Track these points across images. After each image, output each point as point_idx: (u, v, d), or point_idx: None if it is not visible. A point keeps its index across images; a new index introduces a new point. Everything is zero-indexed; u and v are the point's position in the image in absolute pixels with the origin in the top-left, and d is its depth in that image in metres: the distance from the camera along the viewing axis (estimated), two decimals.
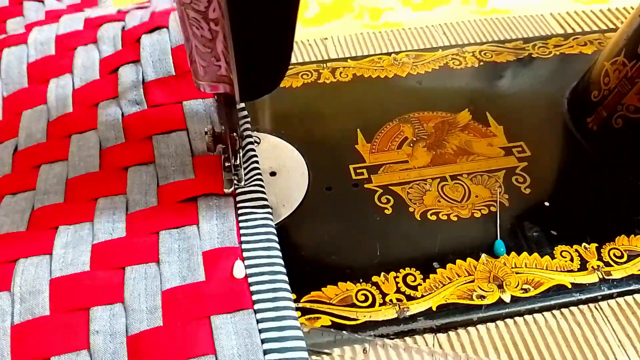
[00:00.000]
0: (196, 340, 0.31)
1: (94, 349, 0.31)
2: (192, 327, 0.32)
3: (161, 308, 0.33)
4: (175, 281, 0.34)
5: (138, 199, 0.39)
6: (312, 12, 0.65)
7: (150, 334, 0.32)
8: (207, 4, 0.29)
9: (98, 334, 0.31)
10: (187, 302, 0.33)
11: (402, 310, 0.38)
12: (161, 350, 0.31)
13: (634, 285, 0.40)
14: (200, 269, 0.34)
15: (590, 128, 0.49)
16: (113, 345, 0.31)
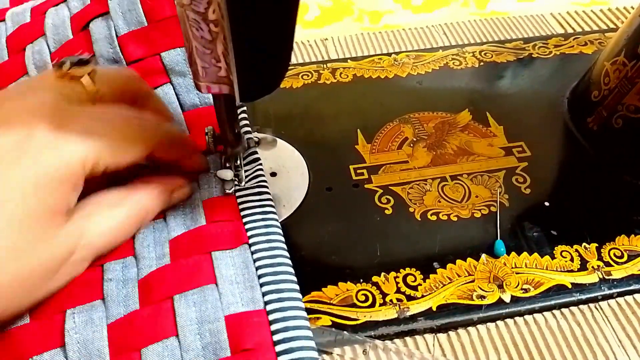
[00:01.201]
0: (199, 272, 0.33)
1: (107, 295, 0.33)
2: (195, 261, 0.34)
3: (169, 254, 0.35)
4: (180, 230, 0.36)
5: None
6: (312, 14, 0.65)
7: (158, 273, 0.34)
8: (207, 5, 0.29)
9: (111, 281, 0.33)
10: (191, 244, 0.35)
11: (402, 310, 0.38)
12: (168, 285, 0.33)
13: (634, 285, 0.40)
14: (202, 217, 0.37)
15: (590, 128, 0.49)
16: (125, 290, 0.33)
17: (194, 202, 0.38)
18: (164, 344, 0.31)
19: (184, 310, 0.32)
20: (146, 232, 0.36)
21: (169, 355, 0.30)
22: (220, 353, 0.30)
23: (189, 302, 0.32)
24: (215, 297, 0.32)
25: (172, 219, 0.37)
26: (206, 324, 0.31)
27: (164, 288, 0.33)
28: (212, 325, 0.31)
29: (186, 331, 0.31)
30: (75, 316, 0.32)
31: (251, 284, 0.33)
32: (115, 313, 0.32)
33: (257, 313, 0.32)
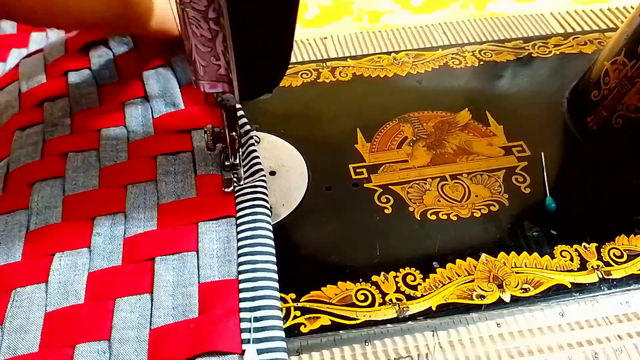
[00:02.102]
0: (183, 240, 0.36)
1: (93, 246, 0.36)
2: (181, 230, 0.37)
3: (157, 219, 0.38)
4: (170, 198, 0.39)
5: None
6: (311, 13, 0.65)
7: (144, 235, 0.37)
8: (207, 4, 0.29)
9: (99, 236, 0.37)
10: (179, 213, 0.38)
11: (401, 309, 0.38)
12: (151, 247, 0.36)
13: (634, 285, 0.40)
14: (193, 189, 0.40)
15: (590, 128, 0.49)
16: (111, 246, 0.36)
17: (187, 174, 0.41)
18: (137, 298, 0.34)
19: (162, 272, 0.35)
20: (137, 193, 0.39)
21: (140, 308, 0.33)
22: (189, 315, 0.33)
23: (168, 266, 0.35)
24: (193, 265, 0.35)
25: (164, 185, 0.40)
26: (180, 287, 0.34)
27: (148, 250, 0.36)
28: (185, 290, 0.34)
29: (161, 291, 0.34)
30: (62, 259, 0.36)
31: (229, 257, 0.36)
32: (98, 265, 0.36)
33: (229, 282, 0.34)
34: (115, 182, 0.40)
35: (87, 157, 0.42)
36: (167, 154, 0.42)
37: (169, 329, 0.33)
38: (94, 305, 0.34)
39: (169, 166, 0.41)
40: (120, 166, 0.42)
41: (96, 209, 0.38)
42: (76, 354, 0.32)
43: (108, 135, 0.44)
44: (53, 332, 0.33)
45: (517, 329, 0.38)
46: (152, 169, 0.41)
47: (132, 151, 0.43)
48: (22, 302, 0.34)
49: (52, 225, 0.38)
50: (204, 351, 0.31)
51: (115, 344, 0.32)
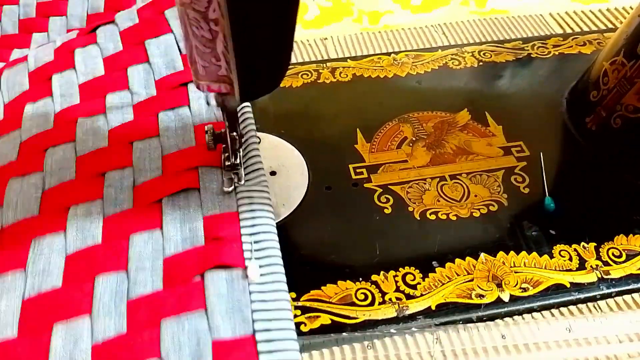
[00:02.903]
0: (186, 183, 0.40)
1: (105, 197, 0.40)
2: (184, 176, 0.41)
3: (161, 168, 0.41)
4: (173, 149, 0.43)
5: None
6: (311, 14, 0.66)
7: (151, 182, 0.41)
8: (207, 4, 0.29)
9: (110, 187, 0.40)
10: (182, 161, 0.42)
11: (401, 309, 0.38)
12: (158, 191, 0.40)
13: (633, 285, 0.40)
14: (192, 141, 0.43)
15: (589, 128, 0.49)
16: (122, 195, 0.40)
17: (186, 128, 0.44)
18: (150, 233, 0.38)
19: (170, 210, 0.39)
20: (142, 148, 0.43)
21: (153, 243, 0.37)
22: (196, 244, 0.37)
23: (175, 205, 0.39)
24: (197, 203, 0.39)
25: (166, 139, 0.43)
26: (187, 222, 0.38)
27: (155, 193, 0.40)
28: (191, 224, 0.38)
29: (169, 226, 0.38)
30: (78, 210, 0.39)
31: (229, 195, 0.39)
32: (110, 211, 0.39)
33: (229, 215, 0.38)
34: (122, 140, 0.44)
35: (95, 121, 0.46)
36: (167, 110, 0.45)
37: (180, 256, 0.36)
38: (111, 244, 0.37)
39: (170, 122, 0.45)
40: (127, 125, 0.45)
41: (106, 166, 0.42)
42: (97, 284, 0.35)
43: (113, 99, 0.47)
44: (74, 270, 0.36)
45: (522, 341, 0.38)
46: (154, 126, 0.45)
47: (136, 112, 0.46)
48: (43, 249, 0.37)
49: (67, 183, 0.41)
50: (211, 266, 0.35)
51: (132, 273, 0.35)
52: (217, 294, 0.34)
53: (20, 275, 0.35)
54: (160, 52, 0.50)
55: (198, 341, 0.32)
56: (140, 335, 0.33)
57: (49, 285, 0.35)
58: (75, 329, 0.33)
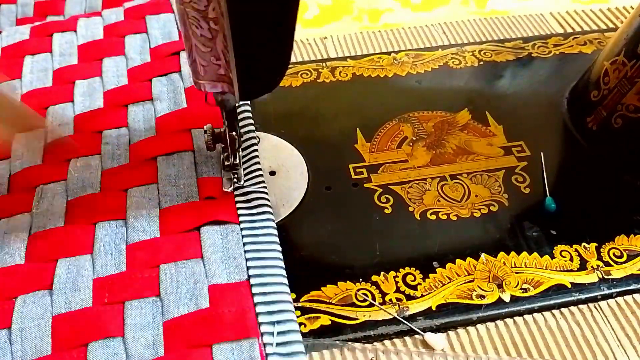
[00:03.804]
0: (180, 142, 0.43)
1: (103, 153, 0.43)
2: (178, 135, 0.44)
3: (155, 128, 0.44)
4: (165, 111, 0.46)
5: None
6: (311, 13, 0.65)
7: (145, 141, 0.44)
8: (207, 3, 0.29)
9: (108, 145, 0.43)
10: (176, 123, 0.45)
11: (401, 309, 0.38)
12: (153, 149, 0.43)
13: (634, 285, 0.40)
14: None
15: (589, 128, 0.49)
16: (119, 151, 0.43)
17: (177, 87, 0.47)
18: (146, 187, 0.40)
19: (164, 168, 0.41)
20: (137, 110, 0.46)
21: (148, 197, 0.40)
22: (190, 199, 0.39)
23: (169, 163, 0.42)
24: (191, 161, 0.42)
25: (159, 103, 0.46)
26: (182, 179, 0.41)
27: (150, 151, 0.43)
28: (185, 181, 0.40)
29: (165, 182, 0.40)
30: (78, 162, 0.42)
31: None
32: (108, 165, 0.42)
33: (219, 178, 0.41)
34: (117, 102, 0.47)
35: (92, 82, 0.49)
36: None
37: (176, 208, 0.39)
38: (109, 194, 0.40)
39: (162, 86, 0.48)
40: (121, 89, 0.48)
41: (104, 125, 0.45)
42: (98, 228, 0.38)
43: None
44: (76, 214, 0.39)
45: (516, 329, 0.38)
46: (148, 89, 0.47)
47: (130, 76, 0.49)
48: (46, 194, 0.40)
49: (66, 138, 0.44)
50: (207, 221, 0.37)
51: (130, 220, 0.38)
52: (212, 244, 0.37)
53: (27, 215, 0.39)
54: (159, 25, 0.53)
55: (195, 282, 0.34)
56: (139, 274, 0.35)
57: (52, 225, 0.38)
58: (78, 262, 0.36)
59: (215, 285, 0.34)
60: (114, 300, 0.34)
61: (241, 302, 0.33)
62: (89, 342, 0.32)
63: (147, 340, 0.32)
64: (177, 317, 0.33)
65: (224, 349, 0.31)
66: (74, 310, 0.33)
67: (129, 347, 0.32)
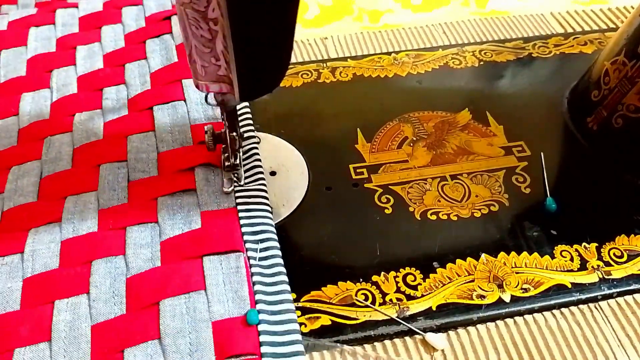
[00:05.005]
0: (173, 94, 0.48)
1: (104, 107, 0.46)
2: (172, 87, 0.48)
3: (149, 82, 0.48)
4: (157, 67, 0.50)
5: None
6: (312, 13, 0.65)
7: (142, 94, 0.47)
8: (207, 4, 0.29)
9: (107, 100, 0.47)
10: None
11: (402, 309, 0.38)
12: (150, 101, 0.47)
13: (634, 285, 0.40)
14: None
15: (590, 128, 0.49)
16: (118, 105, 0.46)
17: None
18: (144, 134, 0.44)
19: (160, 117, 0.45)
20: (133, 68, 0.49)
21: (147, 143, 0.43)
22: (185, 144, 0.43)
23: (164, 112, 0.45)
24: (184, 110, 0.45)
25: (152, 60, 0.50)
26: (176, 127, 0.44)
27: (146, 102, 0.46)
28: (179, 128, 0.43)
29: (161, 130, 0.44)
30: (82, 116, 0.46)
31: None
32: (109, 117, 0.46)
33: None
34: (115, 62, 0.50)
35: (92, 47, 0.52)
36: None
37: (172, 152, 0.42)
38: (111, 141, 0.43)
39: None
40: (118, 51, 0.51)
41: (104, 83, 0.48)
42: (102, 169, 0.41)
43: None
44: (81, 159, 0.42)
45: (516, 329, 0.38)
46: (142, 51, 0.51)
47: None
48: (54, 143, 0.44)
49: (69, 96, 0.48)
50: (200, 162, 0.41)
51: (131, 162, 0.42)
52: (204, 179, 0.40)
53: (38, 162, 0.42)
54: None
55: (189, 210, 0.38)
56: (140, 205, 0.38)
57: (61, 168, 0.42)
58: (85, 198, 0.40)
59: (207, 212, 0.38)
60: (117, 226, 0.38)
61: (228, 223, 0.38)
62: (93, 260, 0.36)
63: (146, 256, 0.36)
64: (172, 237, 0.37)
65: (214, 259, 0.36)
66: (81, 235, 0.37)
67: (129, 262, 0.36)
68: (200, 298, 0.34)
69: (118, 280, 0.35)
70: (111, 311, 0.33)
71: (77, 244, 0.37)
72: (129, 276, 0.35)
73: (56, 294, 0.34)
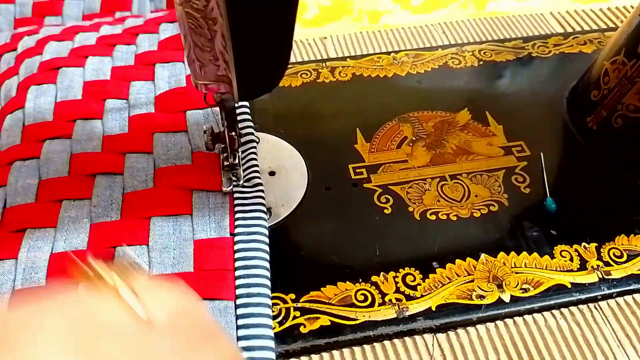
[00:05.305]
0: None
1: (114, 56, 0.50)
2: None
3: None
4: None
5: None
6: (311, 13, 0.65)
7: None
8: (206, 3, 0.29)
9: (118, 51, 0.51)
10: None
11: (401, 310, 0.38)
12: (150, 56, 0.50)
13: (634, 285, 0.40)
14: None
15: (590, 127, 0.49)
16: (127, 56, 0.51)
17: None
18: (144, 82, 0.48)
19: (160, 72, 0.49)
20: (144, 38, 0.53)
21: (147, 87, 0.48)
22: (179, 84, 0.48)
23: (164, 67, 0.49)
24: (182, 65, 0.49)
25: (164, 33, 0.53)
26: (174, 78, 0.49)
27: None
28: (176, 78, 0.48)
29: (160, 80, 0.48)
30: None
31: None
32: (118, 63, 0.50)
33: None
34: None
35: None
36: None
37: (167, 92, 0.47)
38: (116, 82, 0.48)
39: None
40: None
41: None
42: (106, 103, 0.46)
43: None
44: (90, 92, 0.47)
45: (516, 329, 0.38)
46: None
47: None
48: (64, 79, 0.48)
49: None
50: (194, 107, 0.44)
51: (132, 101, 0.46)
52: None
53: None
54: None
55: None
56: (139, 135, 0.43)
57: (73, 97, 0.47)
58: (92, 123, 0.45)
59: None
60: (118, 150, 0.43)
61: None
62: (96, 173, 0.41)
63: (142, 178, 0.41)
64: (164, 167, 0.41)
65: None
66: (88, 152, 0.43)
67: (126, 182, 0.41)
68: (186, 222, 0.38)
69: (116, 192, 0.40)
70: (108, 216, 0.39)
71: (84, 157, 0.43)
72: (126, 192, 0.40)
73: (65, 195, 0.40)
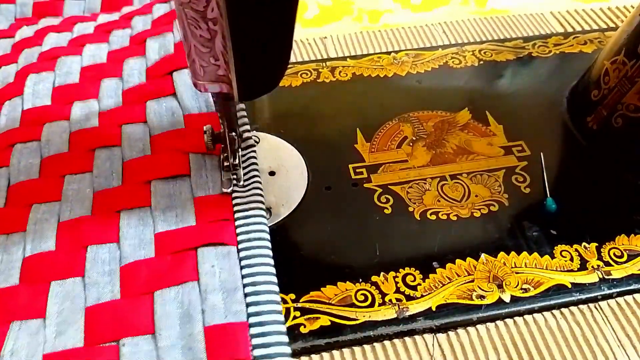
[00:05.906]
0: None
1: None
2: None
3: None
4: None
5: None
6: (311, 13, 0.65)
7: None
8: (206, 4, 0.29)
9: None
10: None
11: (401, 310, 0.38)
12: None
13: (634, 285, 0.40)
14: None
15: (590, 127, 0.49)
16: (123, 41, 0.54)
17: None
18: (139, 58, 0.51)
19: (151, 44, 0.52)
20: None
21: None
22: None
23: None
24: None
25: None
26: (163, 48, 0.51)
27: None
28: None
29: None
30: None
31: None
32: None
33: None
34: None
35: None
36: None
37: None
38: (112, 64, 0.50)
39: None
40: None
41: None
42: (102, 84, 0.49)
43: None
44: (86, 76, 0.49)
45: (516, 329, 0.38)
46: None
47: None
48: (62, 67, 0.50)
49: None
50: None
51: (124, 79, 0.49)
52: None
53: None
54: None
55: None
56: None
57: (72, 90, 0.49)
58: (90, 103, 0.47)
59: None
60: (115, 123, 0.45)
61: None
62: (96, 148, 0.43)
63: (139, 147, 0.43)
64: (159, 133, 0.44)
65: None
66: (86, 128, 0.45)
67: (124, 152, 0.42)
68: (185, 182, 0.41)
69: (116, 163, 0.42)
70: (110, 184, 0.41)
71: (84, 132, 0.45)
72: (125, 160, 0.42)
73: (67, 170, 0.42)
